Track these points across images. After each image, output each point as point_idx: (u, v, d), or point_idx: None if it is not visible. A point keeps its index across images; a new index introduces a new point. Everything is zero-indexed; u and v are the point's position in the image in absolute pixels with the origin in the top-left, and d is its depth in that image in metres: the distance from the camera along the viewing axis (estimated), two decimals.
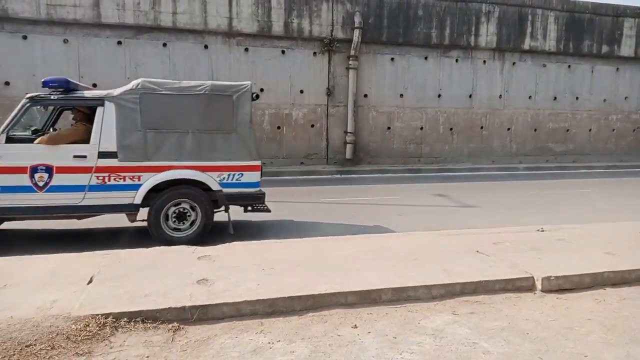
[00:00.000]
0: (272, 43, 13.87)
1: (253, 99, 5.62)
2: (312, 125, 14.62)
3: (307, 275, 3.65)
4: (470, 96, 15.95)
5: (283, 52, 14.01)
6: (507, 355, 2.63)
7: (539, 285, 3.66)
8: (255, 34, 13.56)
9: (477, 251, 4.41)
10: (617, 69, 17.48)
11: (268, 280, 3.54)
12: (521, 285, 3.65)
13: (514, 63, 16.24)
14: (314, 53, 14.32)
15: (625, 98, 17.69)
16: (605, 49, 16.96)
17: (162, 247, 4.56)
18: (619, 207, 8.15)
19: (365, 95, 14.99)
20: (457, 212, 7.59)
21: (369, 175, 13.65)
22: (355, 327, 3.00)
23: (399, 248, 4.48)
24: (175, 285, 3.42)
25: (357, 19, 14.08)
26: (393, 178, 13.08)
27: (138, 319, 2.97)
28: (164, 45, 12.97)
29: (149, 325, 2.94)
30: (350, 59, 14.37)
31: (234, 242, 4.81)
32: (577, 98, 17.11)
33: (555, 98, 16.84)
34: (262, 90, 13.78)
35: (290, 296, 3.22)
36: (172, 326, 2.96)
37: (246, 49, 13.63)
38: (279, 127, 14.23)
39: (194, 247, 4.57)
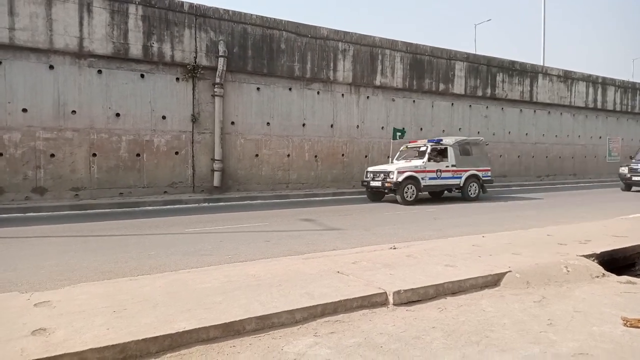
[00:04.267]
0: (129, 66, 13.10)
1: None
2: (177, 153, 14.04)
3: (165, 314, 3.41)
4: (331, 126, 16.99)
5: (142, 75, 13.32)
6: None
7: (391, 299, 3.95)
8: (110, 55, 12.68)
9: (338, 272, 4.62)
10: (452, 104, 20.32)
11: (120, 323, 3.22)
12: (376, 301, 3.91)
13: (368, 97, 17.82)
14: (177, 79, 13.90)
15: (460, 129, 20.59)
16: (442, 86, 19.63)
17: None
18: (458, 223, 9.34)
19: (233, 123, 14.96)
20: (323, 235, 7.90)
21: (238, 203, 13.51)
22: None
23: (263, 275, 4.47)
24: (2, 340, 2.91)
25: (222, 48, 14.10)
26: (262, 204, 13.14)
27: None
28: None
29: None
30: (216, 86, 14.27)
31: (80, 284, 4.31)
32: (421, 129, 19.40)
33: (403, 128, 18.80)
34: (117, 115, 12.87)
35: (144, 338, 2.96)
36: None
37: (99, 71, 12.63)
38: (138, 155, 13.36)
39: (29, 293, 3.97)
